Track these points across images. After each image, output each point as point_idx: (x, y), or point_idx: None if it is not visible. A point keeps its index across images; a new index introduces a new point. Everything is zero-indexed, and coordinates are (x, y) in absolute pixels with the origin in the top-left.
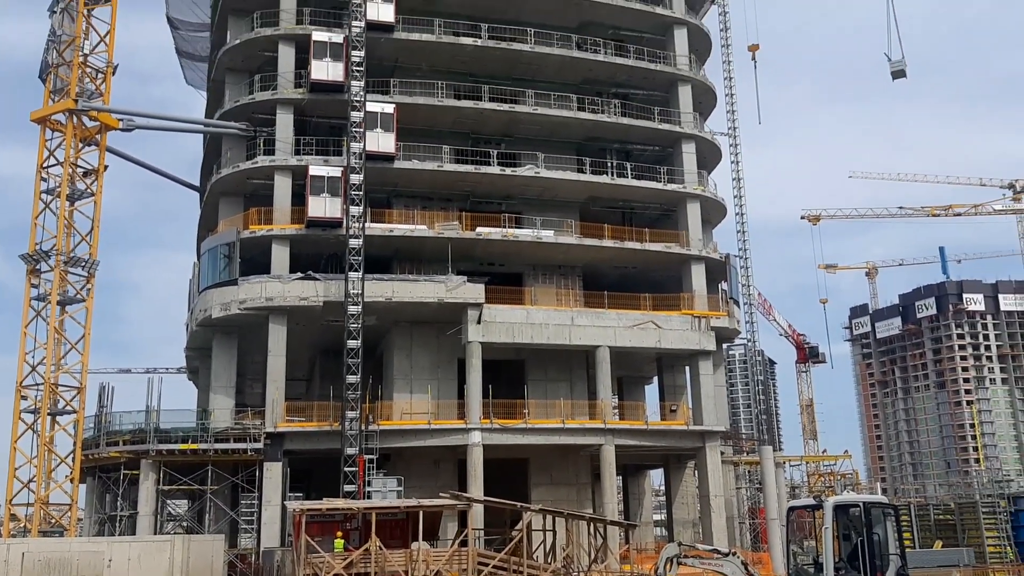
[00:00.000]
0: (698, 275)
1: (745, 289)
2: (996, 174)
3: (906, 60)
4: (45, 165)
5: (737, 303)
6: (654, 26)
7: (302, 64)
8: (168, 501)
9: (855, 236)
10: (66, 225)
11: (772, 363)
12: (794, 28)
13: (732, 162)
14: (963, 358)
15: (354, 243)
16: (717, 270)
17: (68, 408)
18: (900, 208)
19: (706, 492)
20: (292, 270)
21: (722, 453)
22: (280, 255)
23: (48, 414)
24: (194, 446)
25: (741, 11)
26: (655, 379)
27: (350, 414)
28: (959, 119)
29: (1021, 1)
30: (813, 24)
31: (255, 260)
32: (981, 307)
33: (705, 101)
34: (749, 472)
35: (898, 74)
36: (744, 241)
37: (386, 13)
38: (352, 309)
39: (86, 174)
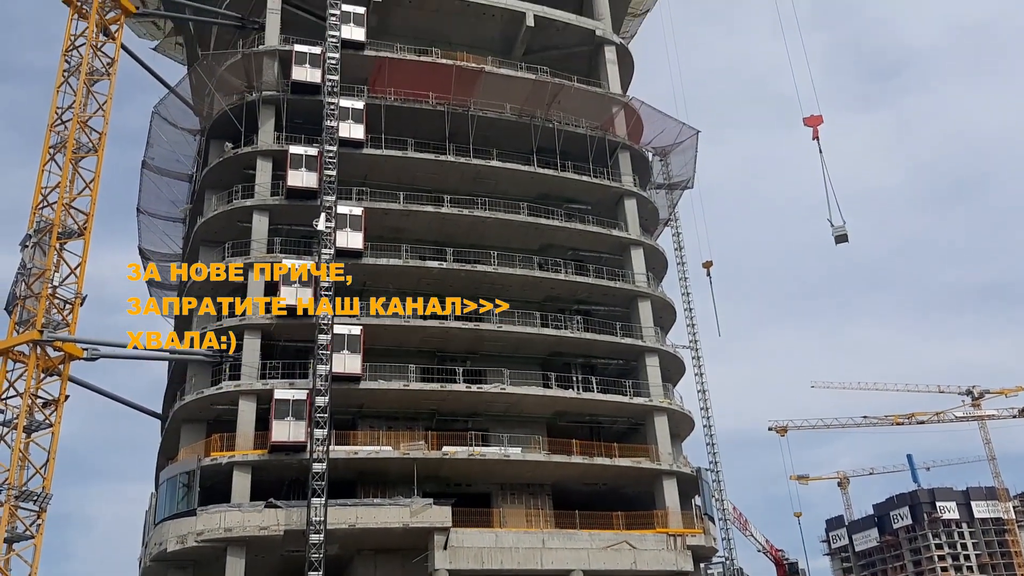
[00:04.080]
0: (670, 491)
1: (719, 504)
2: (954, 381)
3: (847, 227)
4: (3, 396)
5: (712, 519)
6: (611, 247)
7: (271, 290)
8: None
9: (823, 445)
10: (20, 458)
11: None
12: (745, 245)
13: (696, 375)
14: (944, 570)
15: (317, 467)
16: (689, 485)
17: None
18: (864, 417)
19: None
20: (253, 497)
21: None
22: (241, 482)
23: None
24: None
25: (693, 230)
26: None
27: None
28: (912, 329)
29: (954, 220)
30: (764, 241)
31: (215, 489)
32: (955, 515)
33: (665, 315)
34: None
35: (841, 239)
36: (714, 454)
37: (355, 241)
38: (314, 538)
39: (45, 405)
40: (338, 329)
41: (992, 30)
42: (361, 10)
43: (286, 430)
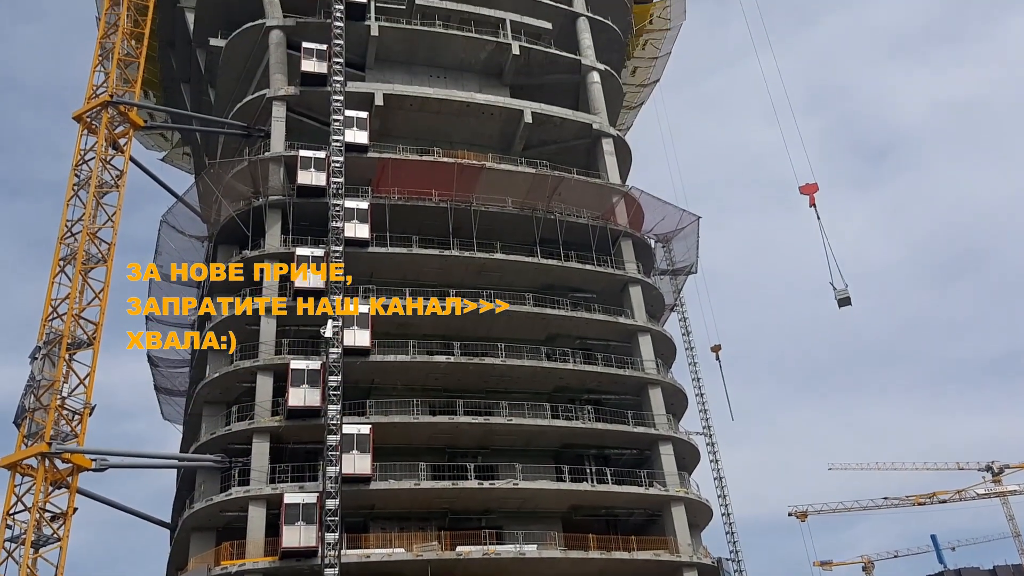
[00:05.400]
0: None
1: None
2: (972, 457)
3: (849, 289)
4: (11, 512)
5: None
6: (619, 334)
7: (279, 392)
8: None
9: (845, 529)
10: (28, 575)
11: None
12: (753, 327)
13: (711, 461)
14: None
15: (329, 573)
16: None
17: None
18: (885, 499)
19: None
20: None
21: None
22: None
23: None
24: None
25: (700, 314)
26: None
27: None
28: (926, 405)
29: (957, 295)
30: (771, 322)
31: None
32: None
33: (676, 402)
34: None
35: (844, 302)
36: (734, 543)
37: (362, 339)
38: None
39: (53, 518)
40: (347, 429)
41: (982, 106)
42: (364, 114)
43: (297, 535)
